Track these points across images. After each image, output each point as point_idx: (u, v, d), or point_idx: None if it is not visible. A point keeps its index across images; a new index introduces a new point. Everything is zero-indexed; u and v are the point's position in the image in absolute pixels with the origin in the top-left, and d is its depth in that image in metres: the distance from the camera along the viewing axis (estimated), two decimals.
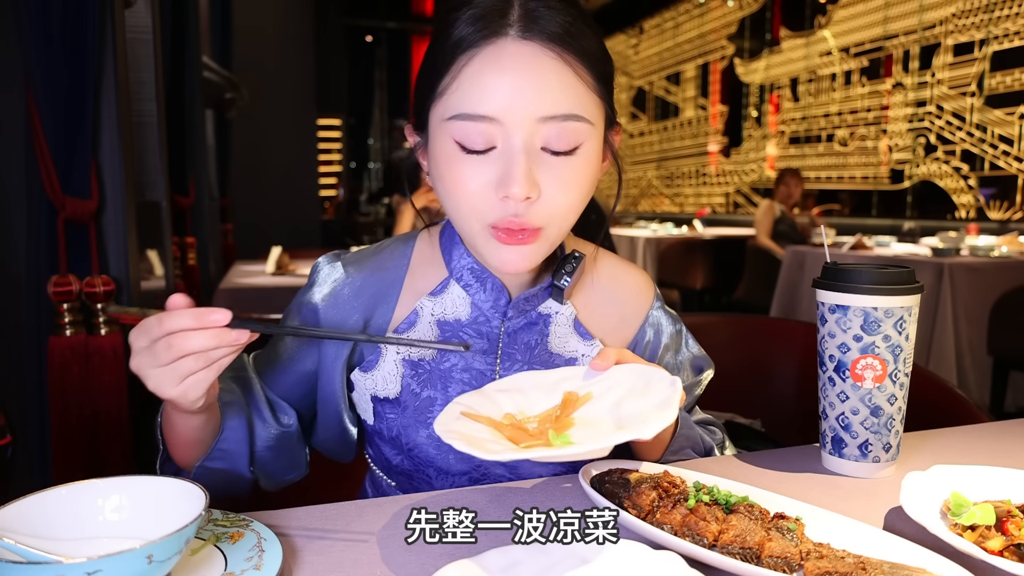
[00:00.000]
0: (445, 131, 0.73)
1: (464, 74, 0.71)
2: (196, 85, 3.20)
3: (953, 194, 5.64)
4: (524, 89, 0.69)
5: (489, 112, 0.70)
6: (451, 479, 0.87)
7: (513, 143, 0.70)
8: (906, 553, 0.60)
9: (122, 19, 1.83)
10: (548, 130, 0.71)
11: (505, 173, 0.70)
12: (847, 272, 0.82)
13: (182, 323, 0.62)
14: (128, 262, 1.82)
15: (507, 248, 0.75)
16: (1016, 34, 5.07)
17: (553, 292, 0.86)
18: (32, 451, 1.71)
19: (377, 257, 0.89)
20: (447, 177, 0.74)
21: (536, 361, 0.87)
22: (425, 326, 0.85)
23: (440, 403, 0.84)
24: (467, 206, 0.74)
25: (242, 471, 0.81)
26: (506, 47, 0.70)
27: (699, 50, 8.88)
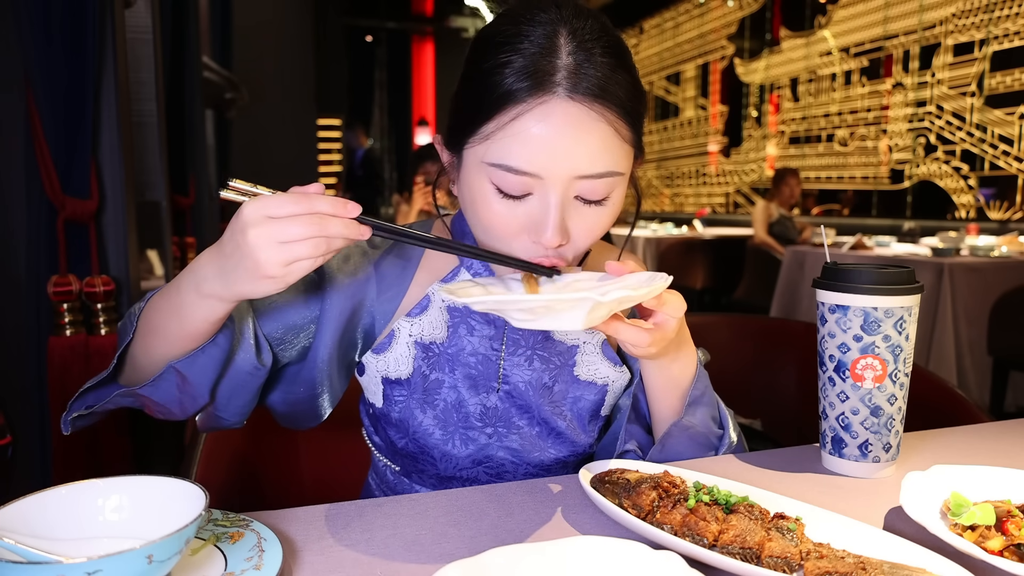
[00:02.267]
0: (483, 172, 0.75)
1: (511, 128, 0.72)
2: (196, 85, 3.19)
3: (953, 194, 5.64)
4: (567, 150, 0.72)
5: (532, 170, 0.72)
6: (455, 460, 0.88)
7: (549, 196, 0.74)
8: (906, 553, 0.60)
9: (122, 19, 1.83)
10: (583, 185, 0.74)
11: (540, 222, 0.74)
12: (847, 272, 0.82)
13: (322, 206, 0.63)
14: (128, 262, 1.82)
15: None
16: (1016, 34, 5.07)
17: None
18: (32, 451, 1.71)
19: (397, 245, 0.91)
20: (482, 213, 0.77)
21: (539, 347, 0.89)
22: (436, 311, 0.88)
23: (447, 385, 0.86)
24: (501, 238, 0.77)
25: (204, 388, 0.77)
26: (554, 107, 0.72)
27: (699, 50, 8.88)
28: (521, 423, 0.88)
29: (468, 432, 0.87)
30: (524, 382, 0.88)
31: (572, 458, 0.91)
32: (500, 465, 0.88)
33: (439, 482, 0.90)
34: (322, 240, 0.63)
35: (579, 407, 0.90)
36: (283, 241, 0.62)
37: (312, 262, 0.64)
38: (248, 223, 0.63)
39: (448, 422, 0.87)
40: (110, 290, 1.73)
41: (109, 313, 1.75)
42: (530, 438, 0.88)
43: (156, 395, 0.76)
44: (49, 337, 1.68)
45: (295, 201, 0.63)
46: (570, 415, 0.90)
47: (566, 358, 0.90)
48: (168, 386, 0.76)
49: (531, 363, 0.88)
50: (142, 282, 1.94)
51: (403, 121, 11.18)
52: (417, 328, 0.87)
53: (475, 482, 0.89)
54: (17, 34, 1.59)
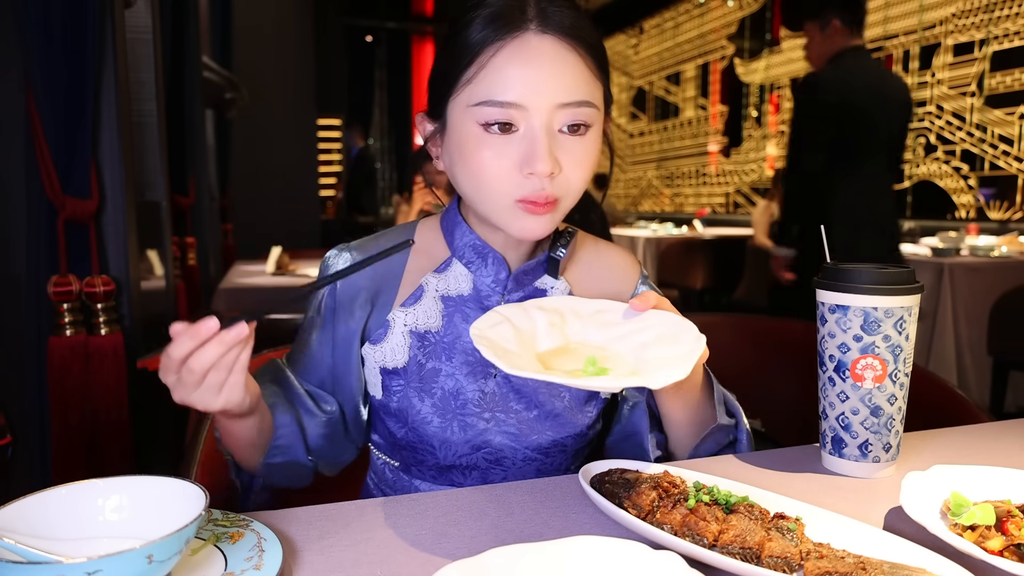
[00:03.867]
0: (470, 116, 0.79)
1: (491, 65, 0.78)
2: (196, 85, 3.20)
3: (953, 194, 5.64)
4: (545, 79, 0.78)
5: (514, 99, 0.77)
6: (454, 447, 0.89)
7: (535, 126, 0.78)
8: (906, 553, 0.60)
9: (122, 19, 1.83)
10: (564, 114, 0.79)
11: (530, 153, 0.78)
12: (847, 272, 0.82)
13: (185, 348, 0.67)
14: (128, 262, 1.82)
15: (532, 218, 0.81)
16: (1016, 34, 5.07)
17: (549, 265, 0.92)
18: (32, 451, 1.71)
19: (379, 242, 0.93)
20: (472, 159, 0.80)
21: None
22: (429, 301, 0.90)
23: (444, 374, 0.88)
24: (495, 183, 0.80)
25: (302, 460, 0.88)
26: (528, 40, 0.78)
27: (699, 50, 8.88)
28: (519, 407, 0.89)
29: (466, 419, 0.88)
30: None
31: (570, 440, 0.91)
32: (499, 450, 0.89)
33: (439, 472, 0.91)
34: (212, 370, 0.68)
35: (575, 389, 0.91)
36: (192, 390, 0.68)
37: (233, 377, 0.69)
38: (171, 390, 0.70)
39: (446, 409, 0.88)
40: (110, 290, 1.73)
41: (109, 313, 1.75)
42: (528, 421, 0.89)
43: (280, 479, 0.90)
44: (49, 337, 1.68)
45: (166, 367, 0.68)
46: (568, 396, 0.91)
47: None
48: (279, 475, 0.88)
49: None
50: (142, 282, 1.94)
51: (403, 121, 11.17)
52: (412, 318, 0.89)
53: (474, 468, 0.90)
54: (17, 34, 1.59)
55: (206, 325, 0.66)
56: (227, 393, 0.70)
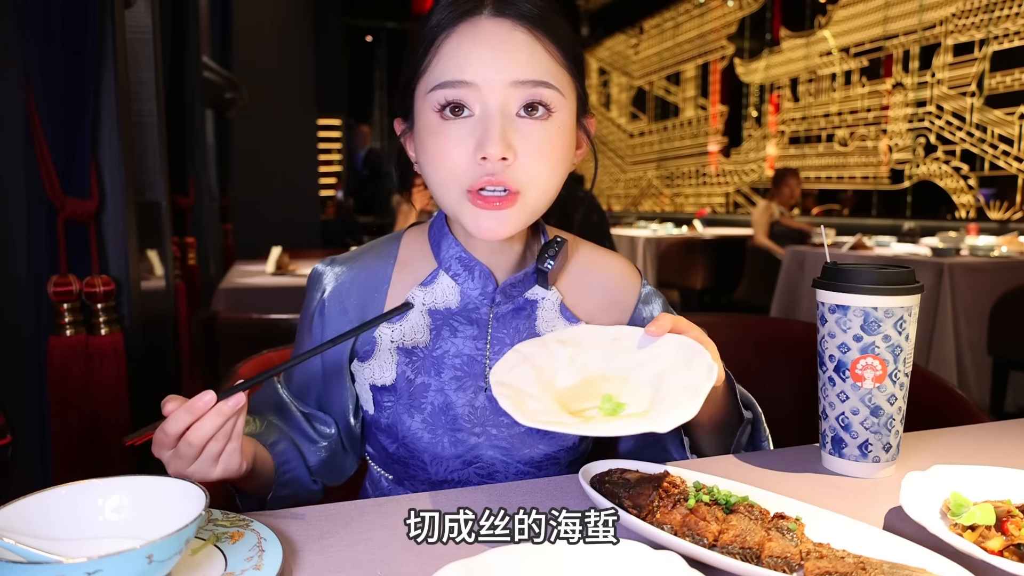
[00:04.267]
0: (427, 103, 0.78)
1: (443, 49, 0.77)
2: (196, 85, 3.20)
3: (953, 194, 5.64)
4: (496, 57, 0.76)
5: (466, 78, 0.75)
6: (445, 463, 0.88)
7: (489, 107, 0.75)
8: (906, 553, 0.60)
9: (122, 19, 1.83)
10: (519, 94, 0.76)
11: (482, 135, 0.75)
12: (847, 272, 0.82)
13: (182, 423, 0.67)
14: (128, 262, 1.82)
15: (485, 213, 0.77)
16: (1016, 34, 5.07)
17: (538, 277, 0.89)
18: (32, 451, 1.71)
19: (365, 255, 0.93)
20: (429, 146, 0.78)
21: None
22: (416, 315, 0.88)
23: (434, 388, 0.86)
24: (446, 171, 0.77)
25: (308, 486, 0.90)
26: (481, 23, 0.77)
27: (699, 50, 8.88)
28: (510, 421, 0.87)
29: (457, 434, 0.86)
30: None
31: (563, 454, 0.90)
32: (490, 465, 0.88)
33: (431, 487, 0.90)
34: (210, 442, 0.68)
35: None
36: (190, 464, 0.68)
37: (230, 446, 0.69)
38: (165, 464, 0.69)
39: (436, 425, 0.86)
40: (110, 290, 1.73)
41: (109, 313, 1.75)
42: (519, 436, 0.87)
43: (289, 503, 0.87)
44: (49, 337, 1.68)
45: (160, 442, 0.68)
46: None
47: None
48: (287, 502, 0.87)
49: None
50: (142, 282, 1.95)
51: None
52: (398, 334, 0.87)
53: (467, 484, 0.88)
54: (17, 33, 1.59)
55: (203, 399, 0.66)
56: (224, 462, 0.70)
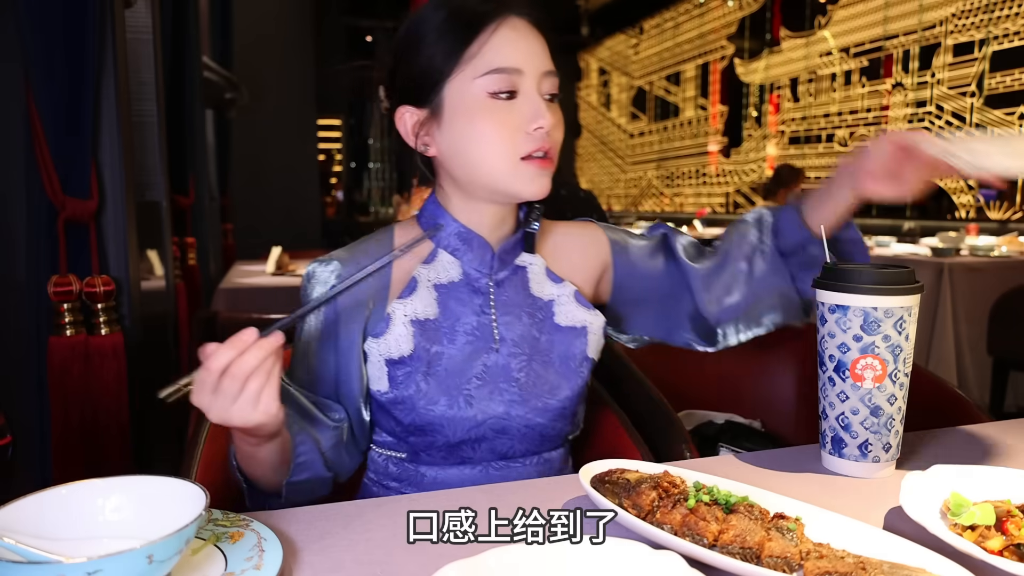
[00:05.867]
0: (476, 87, 0.89)
1: (494, 39, 0.89)
2: (196, 85, 3.20)
3: (953, 194, 5.64)
4: (534, 50, 0.91)
5: (516, 65, 0.89)
6: (461, 423, 0.92)
7: (531, 90, 0.90)
8: (906, 553, 0.60)
9: (122, 19, 1.83)
10: (548, 82, 0.92)
11: (533, 112, 0.89)
12: (847, 272, 0.82)
13: (226, 357, 0.69)
14: (128, 262, 1.82)
15: (540, 174, 0.91)
16: (1016, 34, 5.07)
17: (525, 241, 1.01)
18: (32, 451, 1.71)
19: (362, 245, 0.99)
20: (479, 122, 0.89)
21: (524, 304, 0.98)
22: (424, 291, 0.95)
23: (447, 355, 0.92)
24: (503, 143, 0.89)
25: (322, 473, 0.91)
26: (515, 21, 0.91)
27: (699, 50, 8.87)
28: (519, 375, 0.94)
29: (471, 391, 0.92)
30: (518, 336, 0.96)
31: (568, 401, 0.96)
32: (503, 419, 0.93)
33: (449, 452, 0.94)
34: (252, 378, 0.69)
35: (564, 351, 0.98)
36: (232, 402, 0.69)
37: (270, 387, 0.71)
38: (205, 409, 0.71)
39: (451, 387, 0.91)
40: (110, 290, 1.73)
41: (109, 313, 1.75)
42: (527, 387, 0.94)
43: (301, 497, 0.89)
44: (49, 337, 1.68)
45: (203, 381, 0.70)
46: (557, 360, 0.97)
47: (547, 311, 0.99)
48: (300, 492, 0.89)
49: (521, 319, 0.97)
50: (142, 282, 1.94)
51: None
52: (410, 308, 0.93)
53: (482, 440, 0.93)
54: (17, 34, 1.59)
55: (247, 332, 0.70)
56: (265, 403, 0.71)
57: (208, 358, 0.69)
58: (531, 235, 1.01)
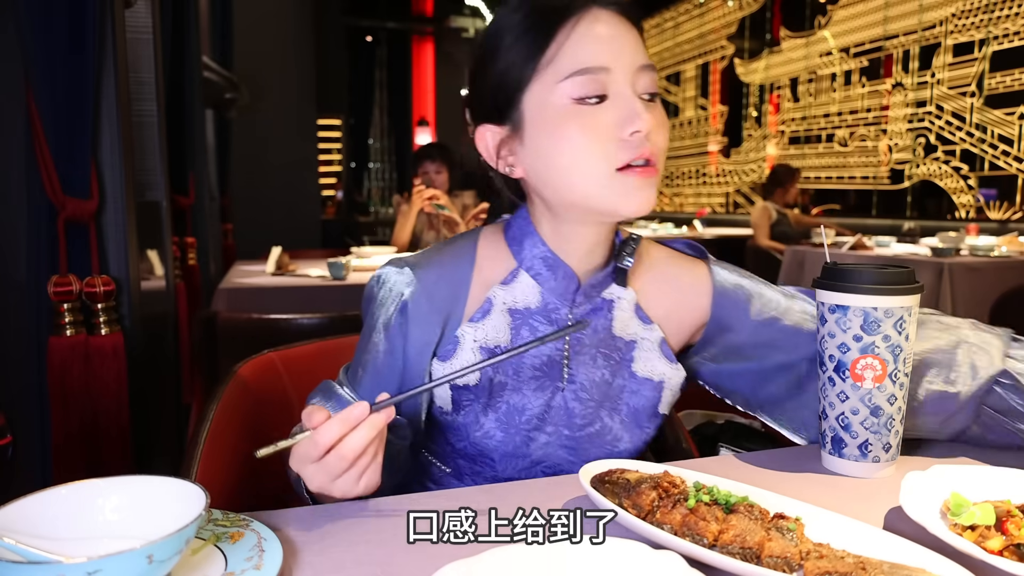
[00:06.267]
0: (559, 93, 0.79)
1: (572, 38, 0.79)
2: (196, 85, 3.19)
3: (953, 194, 5.64)
4: (624, 43, 0.81)
5: (603, 63, 0.78)
6: (514, 461, 0.89)
7: (623, 89, 0.79)
8: (906, 553, 0.60)
9: (122, 19, 1.83)
10: (643, 79, 0.81)
11: (627, 114, 0.78)
12: (847, 272, 0.82)
13: (335, 434, 0.67)
14: (128, 262, 1.82)
15: (640, 186, 0.79)
16: (1016, 34, 5.07)
17: (617, 276, 0.91)
18: (32, 451, 1.71)
19: (441, 256, 0.91)
20: (567, 133, 0.79)
21: (602, 345, 0.90)
22: (498, 314, 0.88)
23: (510, 388, 0.87)
24: (594, 153, 0.79)
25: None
26: (597, 13, 0.81)
27: (699, 50, 8.88)
28: (581, 422, 0.88)
29: (529, 432, 0.87)
30: (588, 380, 0.89)
31: (627, 455, 0.91)
32: (557, 464, 0.89)
33: (492, 480, 0.90)
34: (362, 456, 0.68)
35: (635, 403, 0.90)
36: (336, 478, 0.68)
37: (376, 462, 0.70)
38: (306, 479, 0.69)
39: (510, 424, 0.87)
40: (110, 290, 1.73)
41: (109, 313, 1.75)
42: (589, 436, 0.89)
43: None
44: (49, 337, 1.67)
45: (307, 453, 0.68)
46: (625, 411, 0.90)
47: (625, 353, 0.91)
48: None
49: (595, 361, 0.89)
50: (142, 282, 1.94)
51: (403, 121, 11.17)
52: (481, 333, 0.87)
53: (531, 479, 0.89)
54: (17, 34, 1.59)
55: (357, 409, 0.67)
56: (367, 478, 0.70)
57: (316, 432, 0.66)
58: (623, 271, 0.91)
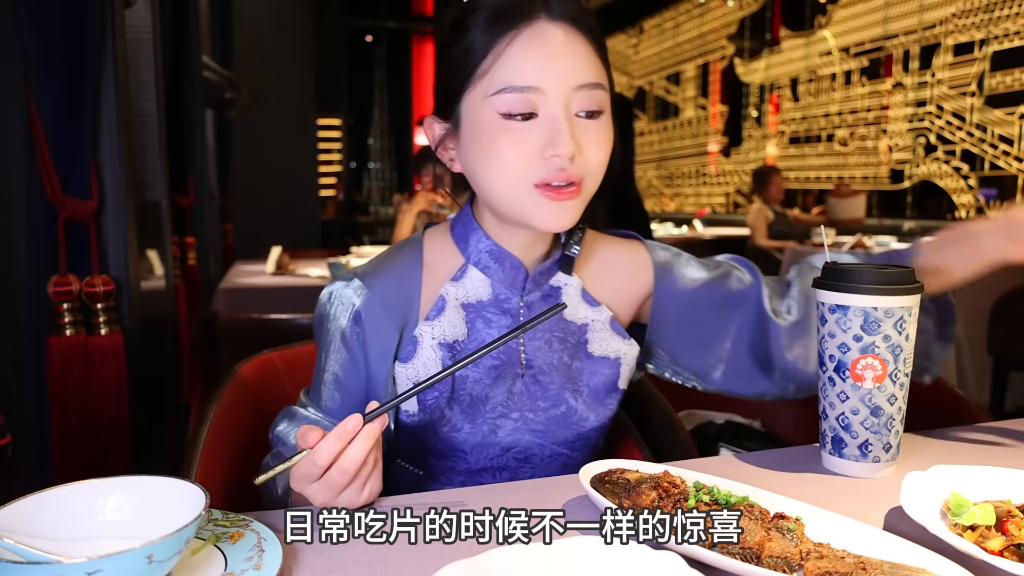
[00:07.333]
0: (488, 107, 0.80)
1: (507, 53, 0.79)
2: (196, 85, 3.19)
3: (953, 194, 5.63)
4: (561, 64, 0.79)
5: (533, 83, 0.79)
6: (484, 450, 0.90)
7: (554, 110, 0.79)
8: (906, 553, 0.60)
9: (122, 19, 1.83)
10: (580, 97, 0.81)
11: (552, 135, 0.79)
12: (847, 272, 0.82)
13: (332, 450, 0.68)
14: (128, 262, 1.82)
15: (555, 206, 0.81)
16: (1016, 34, 5.07)
17: (563, 263, 0.94)
18: (32, 451, 1.71)
19: (389, 262, 0.92)
20: (491, 146, 0.80)
21: (555, 329, 0.93)
22: (452, 310, 0.90)
23: (472, 379, 0.89)
24: (514, 168, 0.80)
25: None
26: (541, 28, 0.80)
27: (699, 50, 8.87)
28: (544, 404, 0.90)
29: (495, 420, 0.89)
30: (546, 364, 0.91)
31: (593, 432, 0.94)
32: (527, 448, 0.91)
33: (468, 477, 0.92)
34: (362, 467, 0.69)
35: (595, 382, 0.93)
36: (339, 492, 0.69)
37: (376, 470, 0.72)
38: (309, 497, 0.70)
39: (475, 414, 0.88)
40: (110, 290, 1.73)
41: (109, 313, 1.75)
42: (555, 418, 0.91)
43: None
44: (49, 337, 1.67)
45: (307, 474, 0.69)
46: (586, 391, 0.92)
47: (579, 337, 0.93)
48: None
49: (551, 345, 0.92)
50: (142, 282, 1.94)
51: (403, 121, 11.17)
52: (438, 330, 0.89)
53: (504, 469, 0.91)
54: (17, 34, 1.59)
55: (351, 423, 0.68)
56: (370, 486, 0.71)
57: (314, 451, 0.67)
58: (570, 259, 0.94)
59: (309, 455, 0.68)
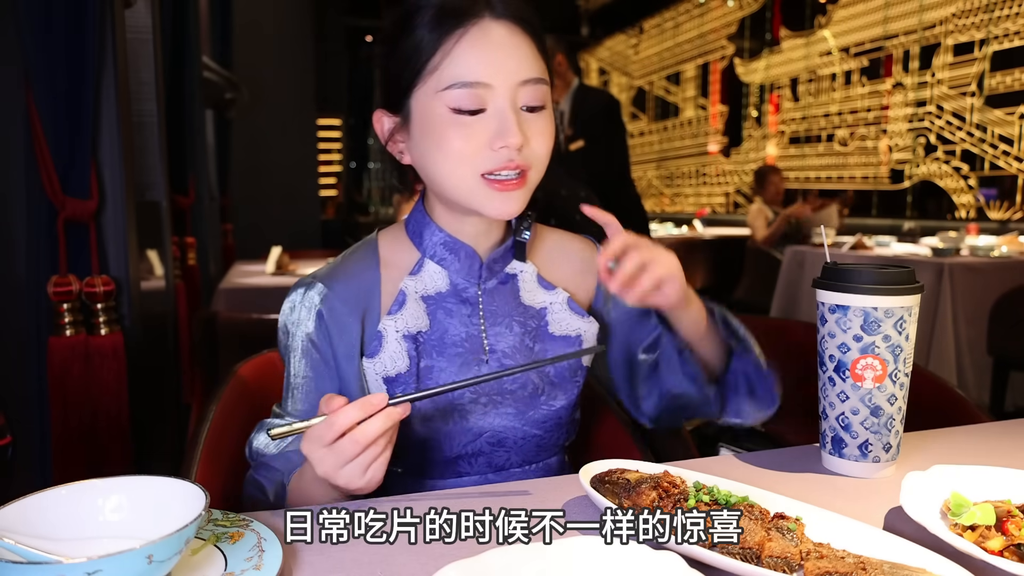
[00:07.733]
0: (439, 102, 0.83)
1: (456, 51, 0.83)
2: (196, 85, 3.19)
3: (953, 194, 5.64)
4: (507, 60, 0.84)
5: (481, 79, 0.82)
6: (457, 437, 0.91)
7: (502, 104, 0.83)
8: (906, 553, 0.60)
9: (122, 19, 1.83)
10: (525, 92, 0.85)
11: (501, 128, 0.83)
12: (847, 272, 0.82)
13: (352, 418, 0.69)
14: (128, 262, 1.82)
15: (502, 196, 0.85)
16: (1016, 34, 5.07)
17: (516, 250, 0.98)
18: (32, 451, 1.71)
19: (345, 262, 0.95)
20: (442, 139, 0.84)
21: (514, 313, 0.95)
22: (413, 303, 0.92)
23: (437, 368, 0.90)
24: (463, 160, 0.84)
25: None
26: (488, 26, 0.84)
27: (699, 50, 8.87)
28: (513, 387, 0.92)
29: (466, 406, 0.90)
30: (509, 347, 0.93)
31: (564, 411, 0.95)
32: (500, 432, 0.92)
33: (446, 466, 0.93)
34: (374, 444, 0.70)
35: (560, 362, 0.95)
36: (345, 463, 0.70)
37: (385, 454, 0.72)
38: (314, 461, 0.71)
39: (442, 401, 0.90)
40: (110, 290, 1.73)
41: (109, 313, 1.75)
42: (523, 399, 0.93)
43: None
44: (49, 337, 1.67)
45: (320, 436, 0.70)
46: (552, 371, 0.95)
47: (539, 319, 0.96)
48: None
49: (511, 329, 0.94)
50: (142, 282, 1.94)
51: None
52: (401, 323, 0.91)
53: (479, 454, 0.92)
54: (17, 34, 1.59)
55: (378, 397, 0.70)
56: (373, 471, 0.71)
57: (333, 413, 0.68)
58: (521, 244, 0.97)
59: (328, 417, 0.69)
